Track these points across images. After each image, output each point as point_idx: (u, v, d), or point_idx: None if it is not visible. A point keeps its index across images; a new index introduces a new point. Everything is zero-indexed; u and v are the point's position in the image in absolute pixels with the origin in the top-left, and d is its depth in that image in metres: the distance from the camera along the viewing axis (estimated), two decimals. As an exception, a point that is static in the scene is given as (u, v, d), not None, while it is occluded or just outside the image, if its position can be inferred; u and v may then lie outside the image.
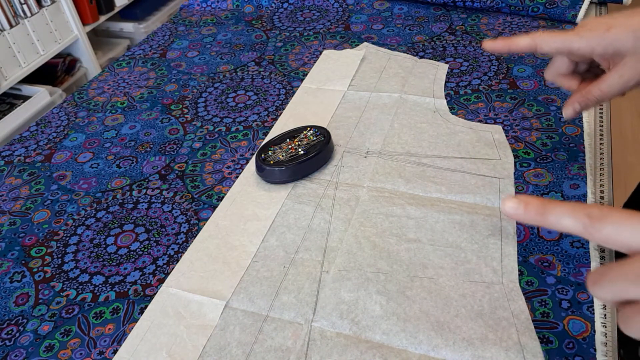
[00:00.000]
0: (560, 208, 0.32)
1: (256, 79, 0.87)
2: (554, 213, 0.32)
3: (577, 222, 0.31)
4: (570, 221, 0.31)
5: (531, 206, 0.33)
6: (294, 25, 1.02)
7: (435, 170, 0.64)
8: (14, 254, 0.60)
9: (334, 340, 0.47)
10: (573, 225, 0.31)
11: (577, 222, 0.31)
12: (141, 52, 0.98)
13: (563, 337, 0.47)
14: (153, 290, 0.54)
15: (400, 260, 0.54)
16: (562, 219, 0.32)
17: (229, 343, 0.48)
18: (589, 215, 0.31)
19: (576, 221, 0.31)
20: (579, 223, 0.31)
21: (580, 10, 0.91)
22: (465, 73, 0.82)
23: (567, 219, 0.32)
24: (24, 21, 1.69)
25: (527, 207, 0.34)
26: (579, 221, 0.31)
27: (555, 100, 0.74)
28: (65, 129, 0.80)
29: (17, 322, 0.53)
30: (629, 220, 0.29)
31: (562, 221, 0.32)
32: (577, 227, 0.31)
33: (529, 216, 0.33)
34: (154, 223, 0.62)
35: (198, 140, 0.75)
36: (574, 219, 0.31)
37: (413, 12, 1.01)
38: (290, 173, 0.63)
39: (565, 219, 0.32)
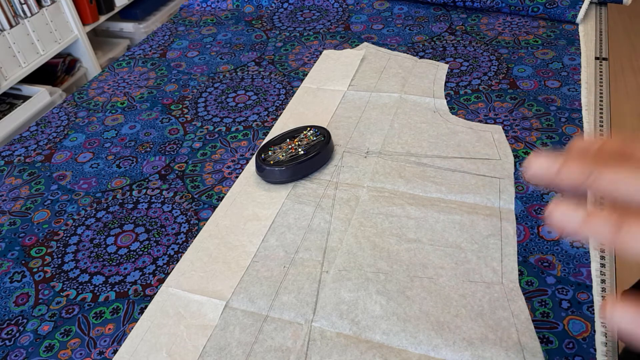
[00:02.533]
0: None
1: (256, 79, 0.87)
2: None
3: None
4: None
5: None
6: (294, 25, 1.02)
7: (435, 170, 0.64)
8: (14, 254, 0.60)
9: (334, 340, 0.47)
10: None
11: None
12: (141, 52, 0.98)
13: (563, 337, 0.47)
14: (153, 290, 0.54)
15: (400, 260, 0.54)
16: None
17: (229, 343, 0.48)
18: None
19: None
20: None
21: (580, 10, 0.91)
22: (465, 73, 0.82)
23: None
24: (24, 21, 1.69)
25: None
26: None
27: (555, 100, 0.74)
28: (65, 129, 0.80)
29: (17, 322, 0.53)
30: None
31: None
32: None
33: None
34: (154, 223, 0.62)
35: (198, 140, 0.75)
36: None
37: (413, 12, 1.01)
38: (290, 173, 0.63)
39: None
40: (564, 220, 0.25)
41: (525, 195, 0.60)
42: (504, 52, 0.86)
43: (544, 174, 0.26)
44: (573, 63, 0.81)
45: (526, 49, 0.86)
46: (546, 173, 0.26)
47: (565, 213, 0.25)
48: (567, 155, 0.26)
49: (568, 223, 0.25)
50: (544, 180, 0.26)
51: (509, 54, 0.85)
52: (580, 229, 0.25)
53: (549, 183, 0.26)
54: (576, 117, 0.71)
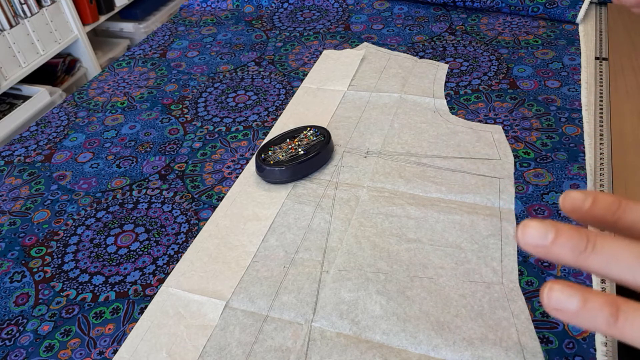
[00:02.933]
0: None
1: (256, 79, 0.87)
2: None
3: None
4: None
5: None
6: (294, 25, 1.02)
7: (435, 170, 0.64)
8: (14, 254, 0.60)
9: (334, 340, 0.47)
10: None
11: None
12: (141, 52, 0.98)
13: (563, 337, 0.47)
14: (153, 290, 0.54)
15: (400, 260, 0.54)
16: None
17: (229, 343, 0.48)
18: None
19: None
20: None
21: (580, 10, 0.91)
22: (465, 73, 0.82)
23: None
24: (24, 21, 1.69)
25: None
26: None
27: (555, 100, 0.74)
28: (65, 129, 0.80)
29: (17, 322, 0.53)
30: None
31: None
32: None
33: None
34: (154, 223, 0.62)
35: (198, 140, 0.75)
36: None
37: (413, 12, 1.01)
38: (290, 173, 0.63)
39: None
40: (559, 307, 0.24)
41: (525, 195, 0.60)
42: (504, 52, 0.86)
43: (536, 245, 0.25)
44: (573, 63, 0.81)
45: (526, 49, 0.86)
46: (538, 245, 0.25)
47: (560, 298, 0.24)
48: (558, 227, 0.24)
49: (564, 310, 0.24)
50: (537, 252, 0.25)
51: (509, 54, 0.85)
52: (576, 317, 0.24)
53: (542, 255, 0.25)
54: (576, 117, 0.71)
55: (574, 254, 0.24)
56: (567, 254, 0.24)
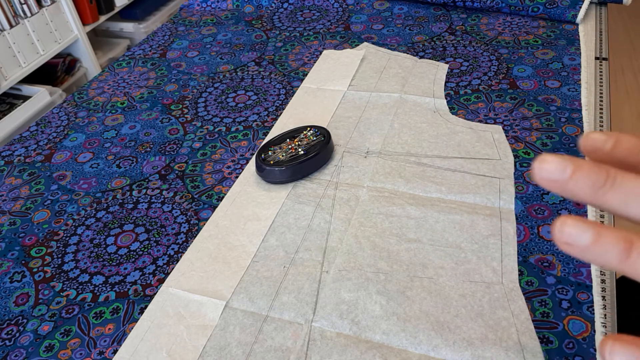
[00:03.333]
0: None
1: (256, 79, 0.87)
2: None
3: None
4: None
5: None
6: (294, 25, 1.02)
7: (435, 170, 0.64)
8: (14, 254, 0.60)
9: (334, 340, 0.47)
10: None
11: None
12: (141, 52, 0.98)
13: (563, 337, 0.47)
14: (153, 290, 0.54)
15: (400, 260, 0.54)
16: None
17: (229, 343, 0.48)
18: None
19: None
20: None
21: (580, 10, 0.91)
22: (465, 73, 0.82)
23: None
24: (24, 21, 1.69)
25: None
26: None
27: (555, 100, 0.74)
28: (65, 129, 0.80)
29: (17, 322, 0.53)
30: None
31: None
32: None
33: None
34: (154, 223, 0.62)
35: (198, 140, 0.75)
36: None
37: (413, 12, 1.01)
38: (290, 173, 0.63)
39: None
40: (571, 241, 0.23)
41: (525, 195, 0.60)
42: (504, 52, 0.86)
43: (553, 180, 0.24)
44: (573, 63, 0.81)
45: (526, 49, 0.86)
46: (555, 180, 0.24)
47: (573, 232, 0.23)
48: (578, 162, 0.24)
49: (575, 244, 0.23)
50: (553, 187, 0.24)
51: (509, 54, 0.85)
52: (587, 251, 0.23)
53: (558, 191, 0.24)
54: (576, 117, 0.71)
55: (592, 189, 0.23)
56: (585, 189, 0.23)
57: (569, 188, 0.23)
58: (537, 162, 0.24)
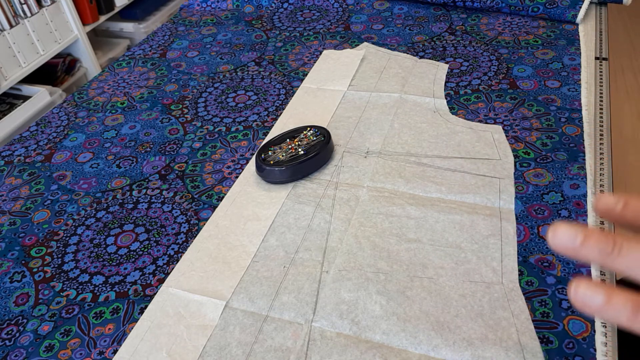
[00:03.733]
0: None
1: (256, 79, 0.87)
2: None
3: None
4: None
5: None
6: (294, 25, 1.02)
7: (435, 170, 0.64)
8: (14, 254, 0.60)
9: (334, 340, 0.47)
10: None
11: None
12: (141, 52, 0.98)
13: (563, 337, 0.47)
14: (153, 290, 0.54)
15: (400, 260, 0.54)
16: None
17: (229, 343, 0.48)
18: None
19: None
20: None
21: (580, 10, 0.91)
22: (465, 73, 0.82)
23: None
24: (24, 21, 1.69)
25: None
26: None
27: (555, 100, 0.74)
28: (65, 129, 0.80)
29: (17, 322, 0.53)
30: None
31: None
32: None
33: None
34: (154, 223, 0.62)
35: (198, 140, 0.75)
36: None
37: (413, 12, 1.01)
38: (290, 173, 0.63)
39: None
40: (585, 302, 0.26)
41: (525, 195, 0.60)
42: (504, 52, 0.86)
43: (566, 246, 0.27)
44: (573, 63, 0.81)
45: (526, 49, 0.86)
46: (568, 246, 0.27)
47: (587, 294, 0.26)
48: (587, 230, 0.26)
49: (589, 305, 0.26)
50: (566, 252, 0.27)
51: (509, 54, 0.85)
52: (600, 311, 0.26)
53: (571, 255, 0.27)
54: (576, 117, 0.71)
55: (601, 256, 0.26)
56: (595, 255, 0.26)
57: (580, 254, 0.27)
58: (550, 230, 0.27)
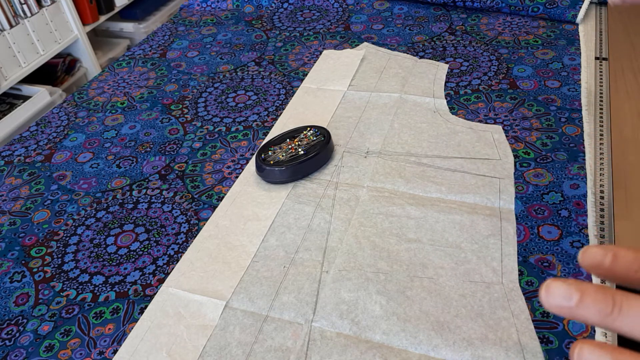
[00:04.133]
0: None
1: (256, 79, 0.87)
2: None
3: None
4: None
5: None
6: (294, 25, 1.02)
7: (435, 170, 0.64)
8: (14, 254, 0.60)
9: (334, 340, 0.47)
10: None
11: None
12: (141, 52, 0.98)
13: (563, 337, 0.47)
14: (153, 290, 0.54)
15: (400, 260, 0.54)
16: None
17: (229, 343, 0.48)
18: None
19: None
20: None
21: (580, 10, 0.91)
22: (465, 73, 0.82)
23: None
24: (24, 21, 1.69)
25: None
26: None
27: (555, 100, 0.74)
28: (65, 129, 0.80)
29: (17, 322, 0.53)
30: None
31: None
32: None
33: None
34: (154, 223, 0.62)
35: (198, 140, 0.75)
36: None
37: (413, 12, 1.01)
38: (290, 173, 0.63)
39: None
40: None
41: (525, 195, 0.60)
42: (504, 52, 0.86)
43: (561, 307, 0.24)
44: (573, 63, 0.81)
45: (526, 49, 0.86)
46: (563, 307, 0.24)
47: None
48: (582, 287, 0.24)
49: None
50: (562, 313, 0.25)
51: (509, 54, 0.85)
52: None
53: (567, 316, 0.25)
54: (576, 117, 0.71)
55: (600, 316, 0.24)
56: (593, 316, 0.24)
57: (577, 314, 0.24)
58: (543, 289, 0.25)
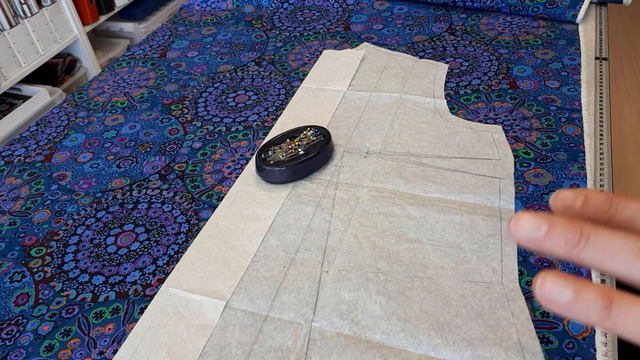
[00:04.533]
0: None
1: (256, 79, 0.87)
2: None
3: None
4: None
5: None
6: (294, 25, 1.02)
7: (435, 170, 0.64)
8: (14, 254, 0.60)
9: (334, 340, 0.47)
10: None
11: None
12: (141, 52, 0.98)
13: (563, 337, 0.47)
14: (153, 290, 0.54)
15: (400, 260, 0.54)
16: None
17: (229, 343, 0.48)
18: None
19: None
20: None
21: (580, 10, 0.91)
22: (465, 73, 0.82)
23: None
24: (24, 21, 1.69)
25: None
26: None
27: (555, 100, 0.74)
28: (65, 129, 0.80)
29: (17, 322, 0.53)
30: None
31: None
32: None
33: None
34: (154, 223, 0.62)
35: (198, 140, 0.75)
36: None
37: (413, 12, 1.01)
38: (290, 173, 0.63)
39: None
40: (551, 298, 0.23)
41: (525, 195, 0.60)
42: (504, 52, 0.86)
43: (529, 238, 0.24)
44: (573, 63, 0.81)
45: (526, 49, 0.86)
46: (531, 238, 0.24)
47: (553, 290, 0.23)
48: (551, 219, 0.23)
49: (556, 302, 0.23)
50: (529, 245, 0.24)
51: (509, 54, 0.85)
52: (568, 309, 0.23)
53: (534, 248, 0.24)
54: (576, 117, 0.71)
55: (567, 247, 0.23)
56: (560, 247, 0.23)
57: (544, 246, 0.24)
58: (512, 220, 0.24)
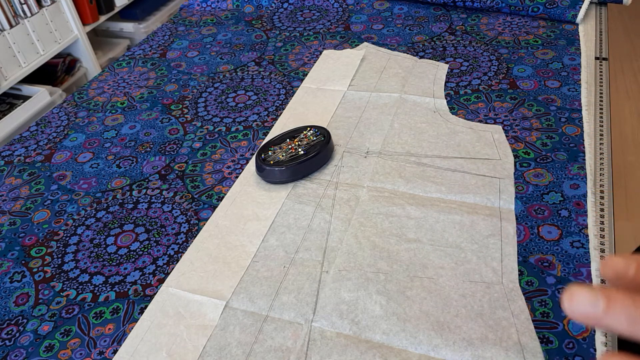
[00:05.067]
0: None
1: (256, 79, 0.87)
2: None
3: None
4: None
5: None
6: (294, 25, 1.02)
7: (435, 170, 0.64)
8: (14, 254, 0.60)
9: (334, 340, 0.47)
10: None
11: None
12: (141, 52, 0.98)
13: (563, 337, 0.47)
14: (153, 290, 0.54)
15: (400, 260, 0.54)
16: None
17: (229, 343, 0.48)
18: None
19: None
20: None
21: (580, 10, 0.91)
22: (465, 73, 0.82)
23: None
24: (24, 21, 1.69)
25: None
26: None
27: (555, 100, 0.74)
28: (65, 129, 0.80)
29: (17, 322, 0.53)
30: None
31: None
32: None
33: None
34: (154, 223, 0.62)
35: (198, 140, 0.75)
36: None
37: (413, 12, 1.01)
38: (290, 173, 0.63)
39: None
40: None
41: (525, 195, 0.60)
42: (504, 52, 0.86)
43: (586, 314, 0.23)
44: (573, 63, 0.81)
45: (526, 49, 0.86)
46: (589, 314, 0.23)
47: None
48: (608, 293, 0.22)
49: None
50: (587, 321, 0.23)
51: (509, 54, 0.85)
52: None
53: (593, 324, 0.23)
54: (576, 117, 0.71)
55: (630, 323, 0.22)
56: (621, 324, 0.22)
57: (605, 322, 0.23)
58: (567, 295, 0.23)
